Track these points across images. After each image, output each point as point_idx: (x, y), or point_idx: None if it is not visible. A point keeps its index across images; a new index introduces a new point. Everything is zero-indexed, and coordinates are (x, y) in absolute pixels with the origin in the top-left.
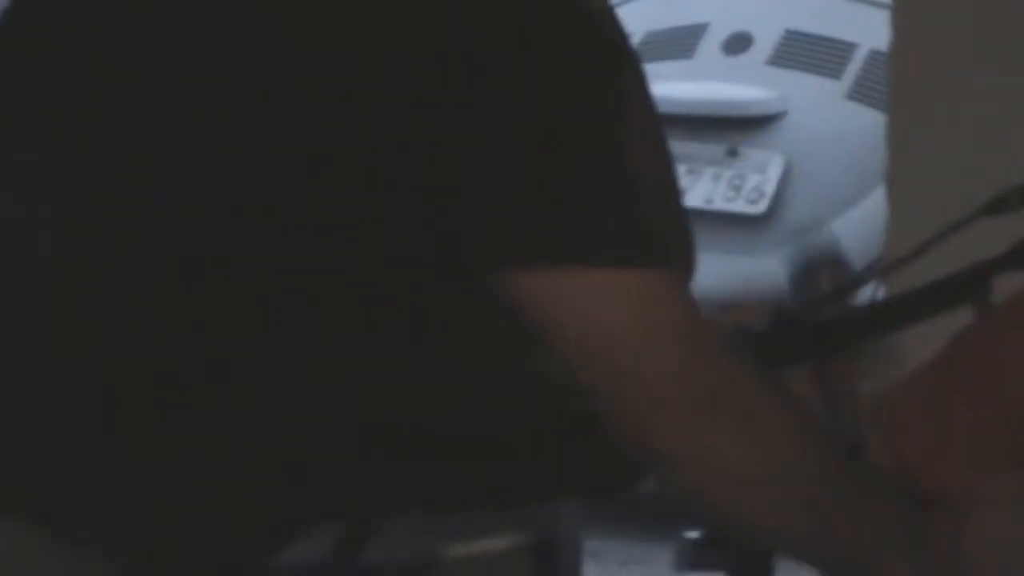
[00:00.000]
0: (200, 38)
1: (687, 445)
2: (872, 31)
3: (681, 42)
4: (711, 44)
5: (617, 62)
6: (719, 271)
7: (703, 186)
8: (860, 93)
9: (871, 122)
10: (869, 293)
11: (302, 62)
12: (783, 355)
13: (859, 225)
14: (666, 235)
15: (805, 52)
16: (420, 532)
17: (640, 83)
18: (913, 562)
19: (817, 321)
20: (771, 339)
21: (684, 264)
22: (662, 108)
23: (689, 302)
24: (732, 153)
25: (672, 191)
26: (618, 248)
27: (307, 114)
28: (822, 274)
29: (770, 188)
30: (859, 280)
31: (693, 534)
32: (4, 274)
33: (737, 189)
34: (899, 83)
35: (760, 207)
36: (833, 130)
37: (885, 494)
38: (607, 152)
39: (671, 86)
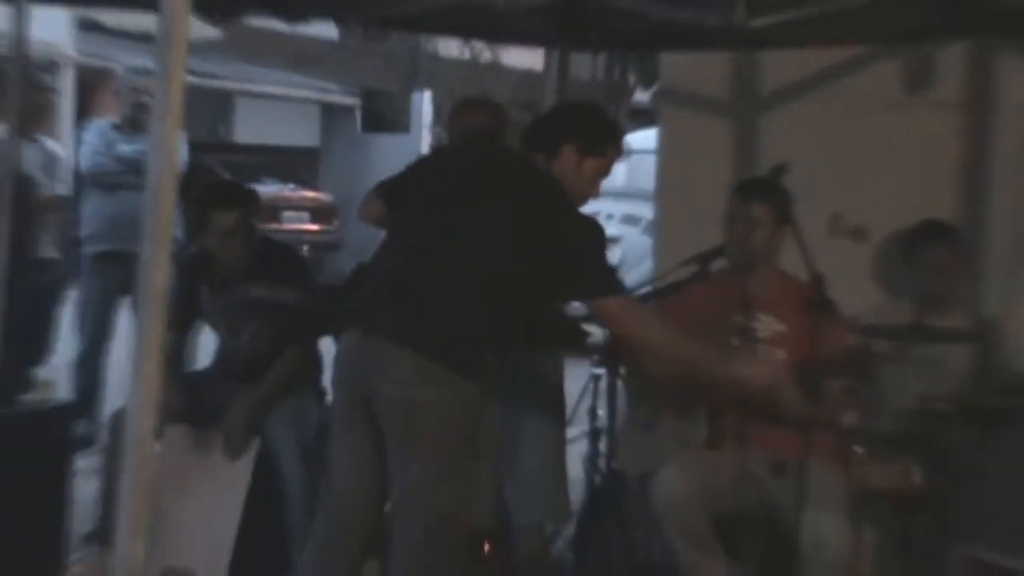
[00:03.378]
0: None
1: (634, 337)
2: None
3: None
4: None
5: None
6: None
7: None
8: None
9: None
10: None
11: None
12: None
13: None
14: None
15: None
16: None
17: None
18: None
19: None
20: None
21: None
22: None
23: (635, 302)
24: None
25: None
26: (615, 289)
27: (518, 244)
28: None
29: None
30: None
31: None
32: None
33: None
34: None
35: None
36: None
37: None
38: (604, 256)
39: None
